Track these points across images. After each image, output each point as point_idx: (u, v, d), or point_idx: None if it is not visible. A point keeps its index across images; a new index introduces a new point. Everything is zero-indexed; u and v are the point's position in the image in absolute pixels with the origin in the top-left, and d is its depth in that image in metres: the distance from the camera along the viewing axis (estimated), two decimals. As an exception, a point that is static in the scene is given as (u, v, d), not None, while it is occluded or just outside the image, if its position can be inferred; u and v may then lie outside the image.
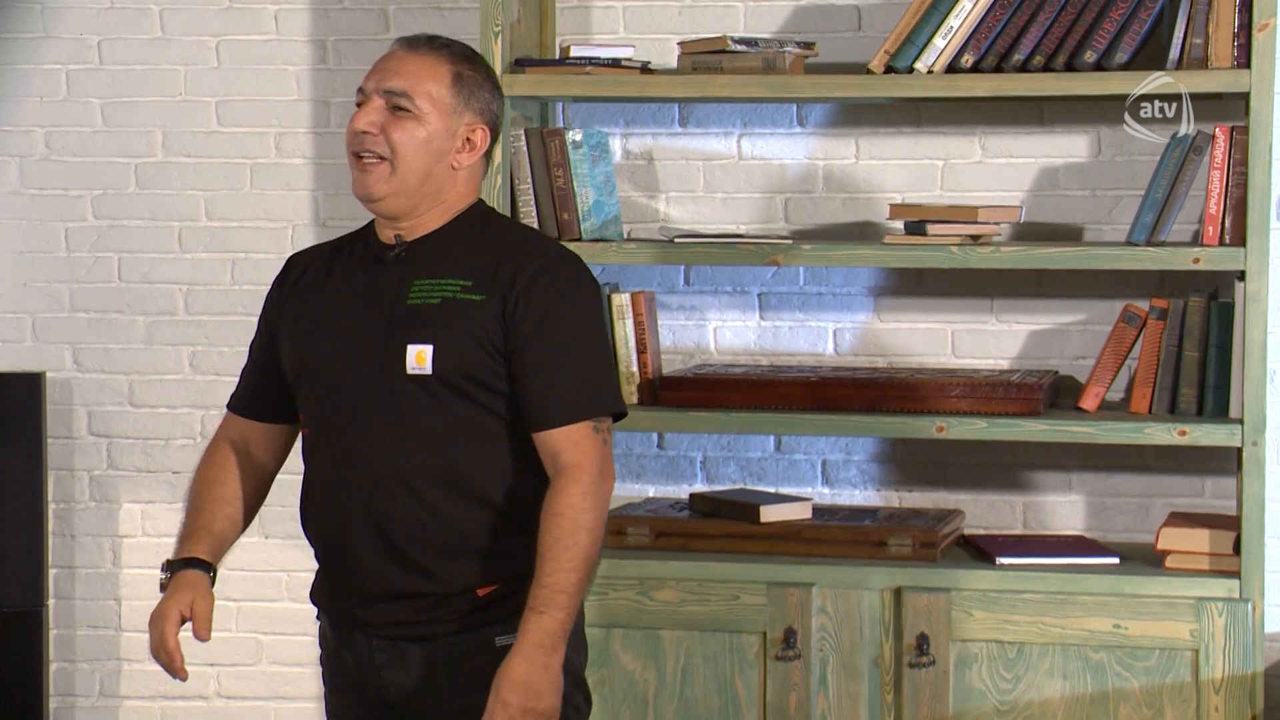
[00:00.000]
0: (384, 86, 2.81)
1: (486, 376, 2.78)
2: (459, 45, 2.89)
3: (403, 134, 2.79)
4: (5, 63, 4.24)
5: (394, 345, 2.79)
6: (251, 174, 4.25)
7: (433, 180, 2.83)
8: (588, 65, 3.78)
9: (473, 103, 2.85)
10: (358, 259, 2.90)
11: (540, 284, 2.79)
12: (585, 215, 3.80)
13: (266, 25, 4.21)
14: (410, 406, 2.78)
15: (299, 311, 2.91)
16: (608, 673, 3.68)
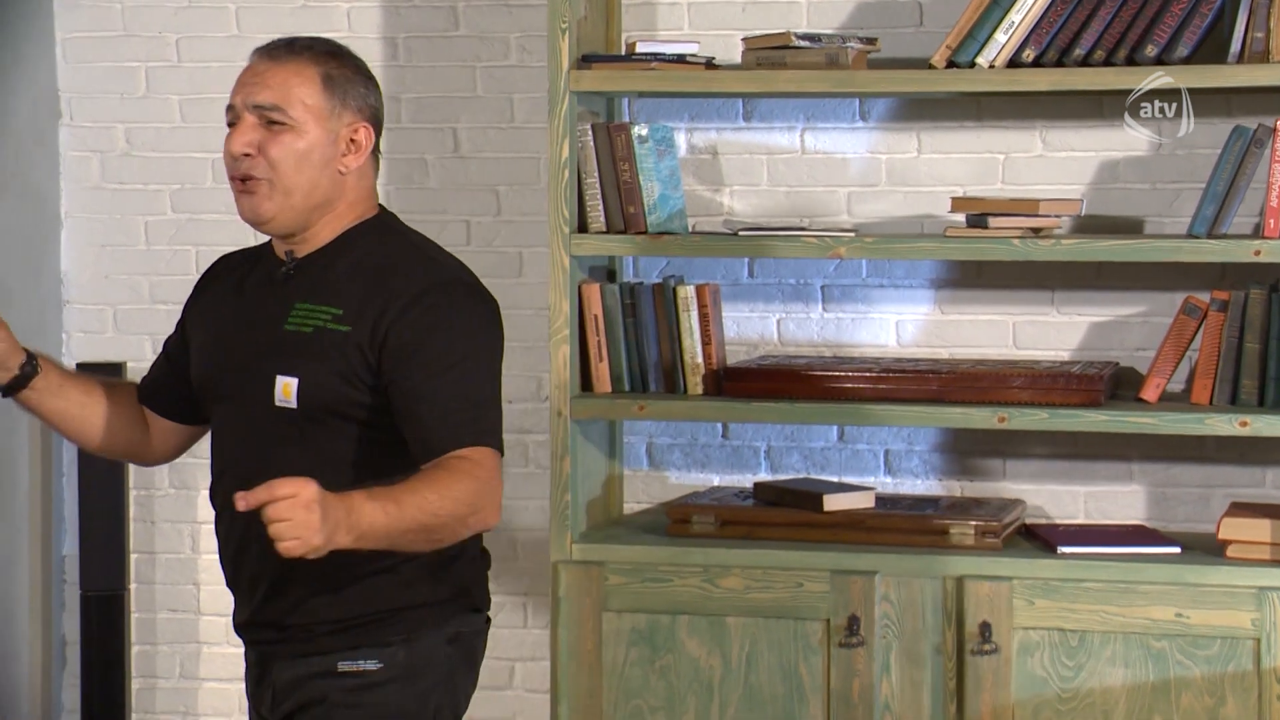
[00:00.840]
0: (252, 101, 2.59)
1: (354, 411, 2.57)
2: (322, 43, 2.66)
3: (280, 149, 2.57)
4: (87, 61, 4.21)
5: (265, 374, 2.60)
6: (326, 169, 4.18)
7: (320, 190, 2.61)
8: (653, 61, 3.69)
9: (349, 101, 2.63)
10: (260, 271, 2.71)
11: (414, 311, 2.56)
12: (651, 209, 3.71)
13: (339, 22, 4.15)
14: (278, 438, 2.59)
15: (205, 323, 2.75)
16: (673, 659, 3.59)
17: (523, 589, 4.13)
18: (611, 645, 3.60)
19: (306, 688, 2.63)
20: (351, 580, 2.60)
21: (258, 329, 2.64)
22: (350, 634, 2.62)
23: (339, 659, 2.62)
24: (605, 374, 3.73)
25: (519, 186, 4.10)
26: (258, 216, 2.61)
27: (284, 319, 2.62)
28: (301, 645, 2.63)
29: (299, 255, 2.66)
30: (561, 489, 3.66)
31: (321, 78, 2.61)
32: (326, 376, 2.57)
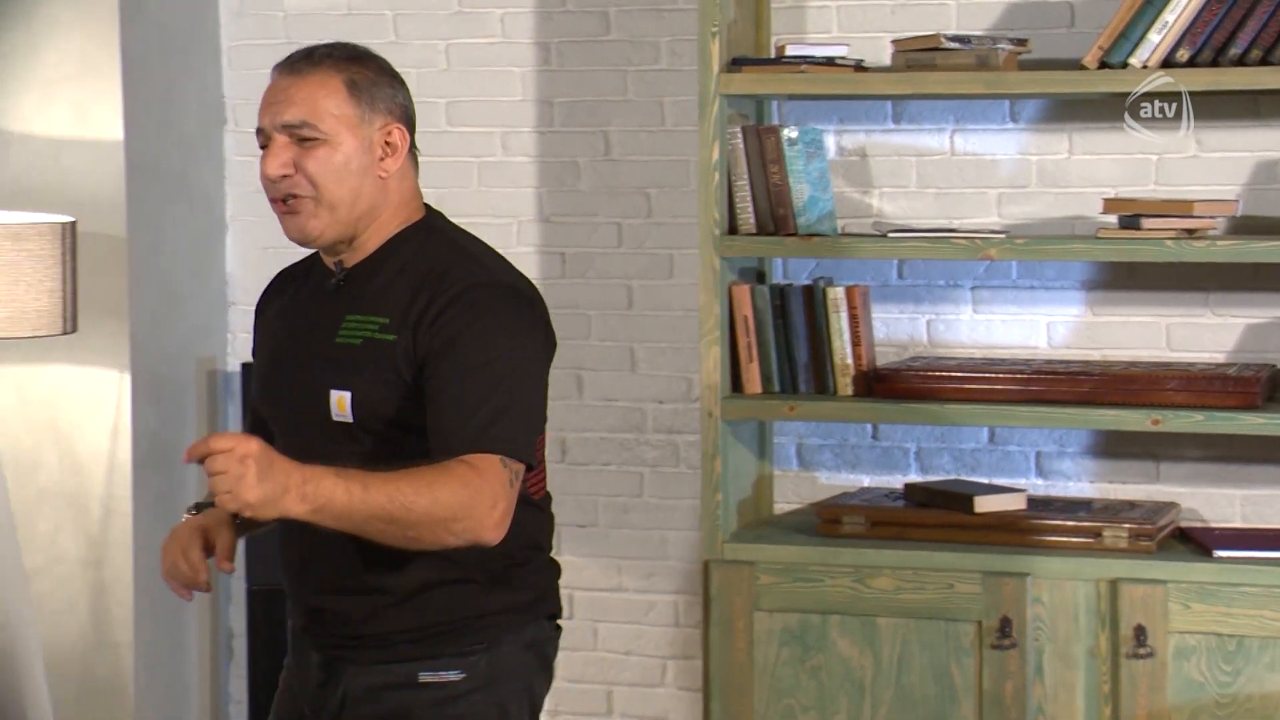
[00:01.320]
0: (280, 121, 2.47)
1: (409, 420, 2.46)
2: (342, 48, 2.54)
3: (317, 164, 2.46)
4: (251, 67, 4.22)
5: (320, 390, 2.51)
6: (479, 172, 4.17)
7: (364, 199, 2.50)
8: (803, 64, 3.62)
9: (378, 104, 2.51)
10: (312, 283, 2.61)
11: (451, 311, 2.45)
12: (800, 211, 3.64)
13: (493, 28, 4.13)
14: (336, 452, 2.45)
15: (265, 342, 2.67)
16: (824, 658, 3.52)
17: (674, 588, 4.08)
18: (763, 644, 3.54)
19: (385, 699, 2.55)
20: (429, 588, 2.51)
21: (311, 344, 2.55)
22: (430, 643, 2.53)
23: (419, 669, 2.53)
24: (755, 375, 3.68)
25: (669, 189, 4.06)
26: (305, 235, 2.50)
27: (335, 331, 2.53)
28: (378, 653, 2.54)
29: (348, 265, 2.56)
30: (712, 489, 3.61)
31: (346, 85, 2.50)
32: (378, 388, 2.47)
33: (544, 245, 4.14)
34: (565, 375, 4.14)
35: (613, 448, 4.12)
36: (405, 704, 2.53)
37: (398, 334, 2.47)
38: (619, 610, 4.12)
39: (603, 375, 4.12)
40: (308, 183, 2.47)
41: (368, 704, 2.55)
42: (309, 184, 2.47)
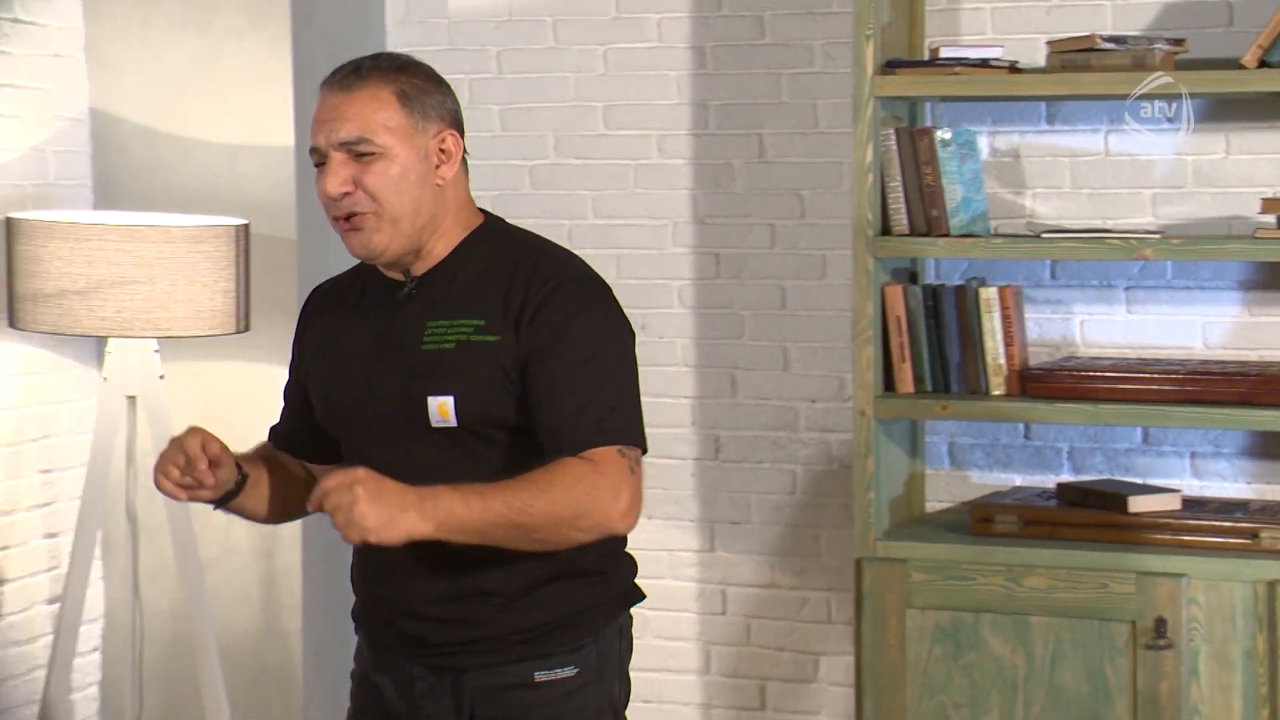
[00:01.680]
0: (336, 140, 2.41)
1: (514, 419, 2.43)
2: (388, 59, 2.49)
3: (376, 179, 2.41)
4: (413, 74, 4.26)
5: (414, 397, 2.44)
6: (635, 174, 4.18)
7: (425, 209, 2.45)
8: (957, 66, 3.59)
9: (429, 112, 2.45)
10: (371, 295, 2.54)
11: (549, 307, 2.42)
12: (953, 211, 3.61)
13: (650, 33, 4.13)
14: (440, 459, 2.43)
15: (320, 354, 2.58)
16: (977, 656, 3.48)
17: (826, 584, 4.07)
18: (915, 641, 3.51)
19: (501, 700, 2.52)
20: (538, 586, 2.48)
21: (392, 353, 2.49)
22: (543, 641, 2.51)
23: (534, 668, 2.50)
24: (908, 374, 3.65)
25: (822, 190, 4.04)
26: (371, 251, 2.45)
27: (419, 339, 2.47)
28: (492, 656, 2.50)
29: (417, 274, 2.50)
30: (865, 487, 3.59)
31: (397, 96, 2.44)
32: (483, 389, 2.43)
33: (698, 246, 4.13)
34: (719, 374, 4.13)
35: (766, 446, 4.11)
36: (524, 704, 2.51)
37: (500, 334, 2.44)
38: (772, 606, 4.11)
39: (756, 374, 4.11)
40: (368, 198, 2.42)
41: (484, 707, 2.52)
42: (370, 199, 2.42)
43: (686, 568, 4.16)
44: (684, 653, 4.17)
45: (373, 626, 2.59)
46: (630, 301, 4.10)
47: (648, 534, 4.16)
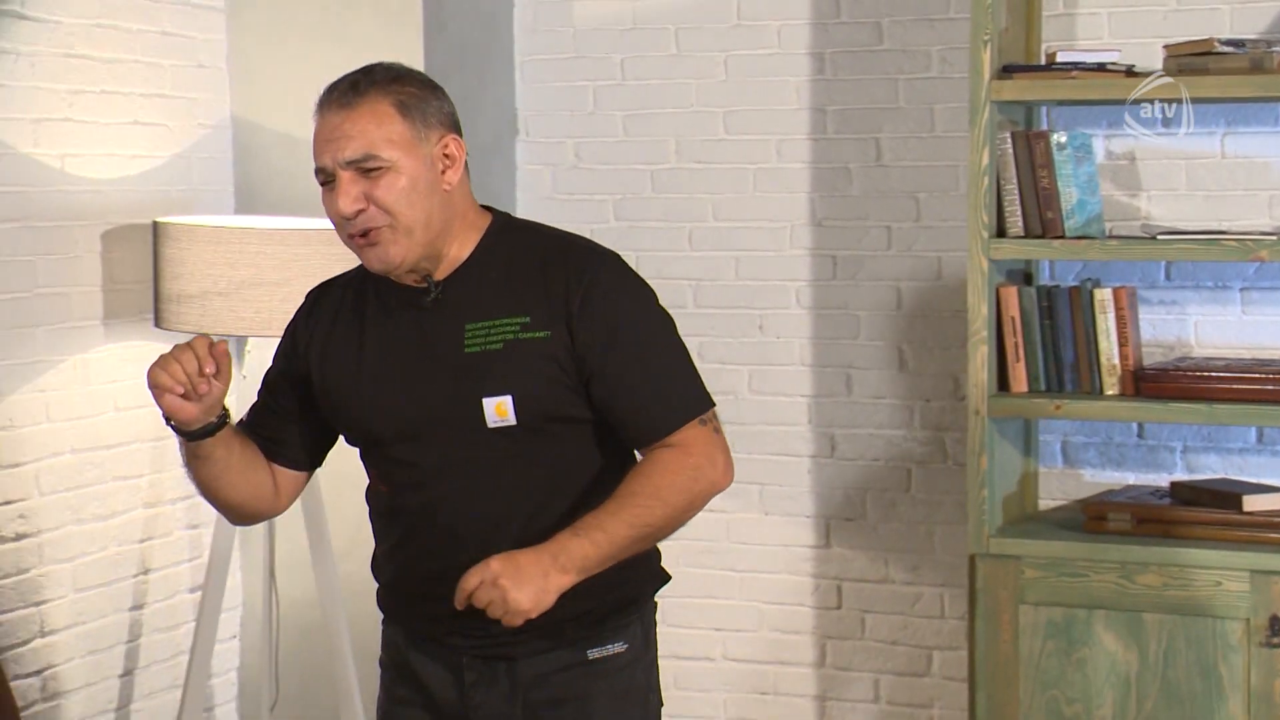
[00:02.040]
0: (342, 159, 2.36)
1: (570, 411, 2.42)
2: (382, 70, 2.42)
3: (387, 192, 2.36)
4: (542, 81, 4.30)
5: (467, 400, 2.40)
6: (754, 178, 4.17)
7: (437, 217, 2.40)
8: (1073, 70, 3.55)
9: (429, 119, 2.40)
10: (393, 304, 2.47)
11: (594, 299, 2.40)
12: (1068, 214, 3.58)
13: (770, 40, 4.13)
14: (499, 458, 2.41)
15: (344, 370, 2.50)
16: (1090, 652, 3.45)
17: (940, 580, 4.04)
18: (1028, 637, 3.49)
19: (556, 681, 2.51)
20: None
21: (431, 359, 2.44)
22: (595, 622, 2.51)
23: (587, 647, 2.51)
24: (1022, 374, 3.62)
25: (938, 193, 4.02)
26: (389, 264, 2.40)
27: (459, 343, 2.43)
28: (545, 642, 2.49)
29: (439, 278, 2.45)
30: (978, 485, 3.56)
31: (397, 108, 2.39)
32: (540, 385, 2.41)
33: (815, 248, 4.13)
34: (835, 373, 4.12)
35: (880, 444, 4.10)
36: (578, 683, 2.51)
37: (549, 329, 2.41)
38: (886, 601, 4.10)
39: (871, 374, 4.10)
40: (381, 212, 2.37)
41: (538, 690, 2.51)
42: (383, 213, 2.37)
43: (802, 563, 4.16)
44: (799, 646, 4.17)
45: (415, 619, 2.54)
46: (748, 302, 4.16)
47: (764, 529, 4.18)
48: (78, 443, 3.74)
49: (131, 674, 3.90)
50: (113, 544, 3.84)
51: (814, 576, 4.16)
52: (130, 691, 3.90)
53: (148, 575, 3.94)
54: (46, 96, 3.63)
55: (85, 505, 3.76)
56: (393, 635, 2.60)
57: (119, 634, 3.87)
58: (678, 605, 4.19)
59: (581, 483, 2.45)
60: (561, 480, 2.44)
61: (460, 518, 2.42)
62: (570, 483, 2.44)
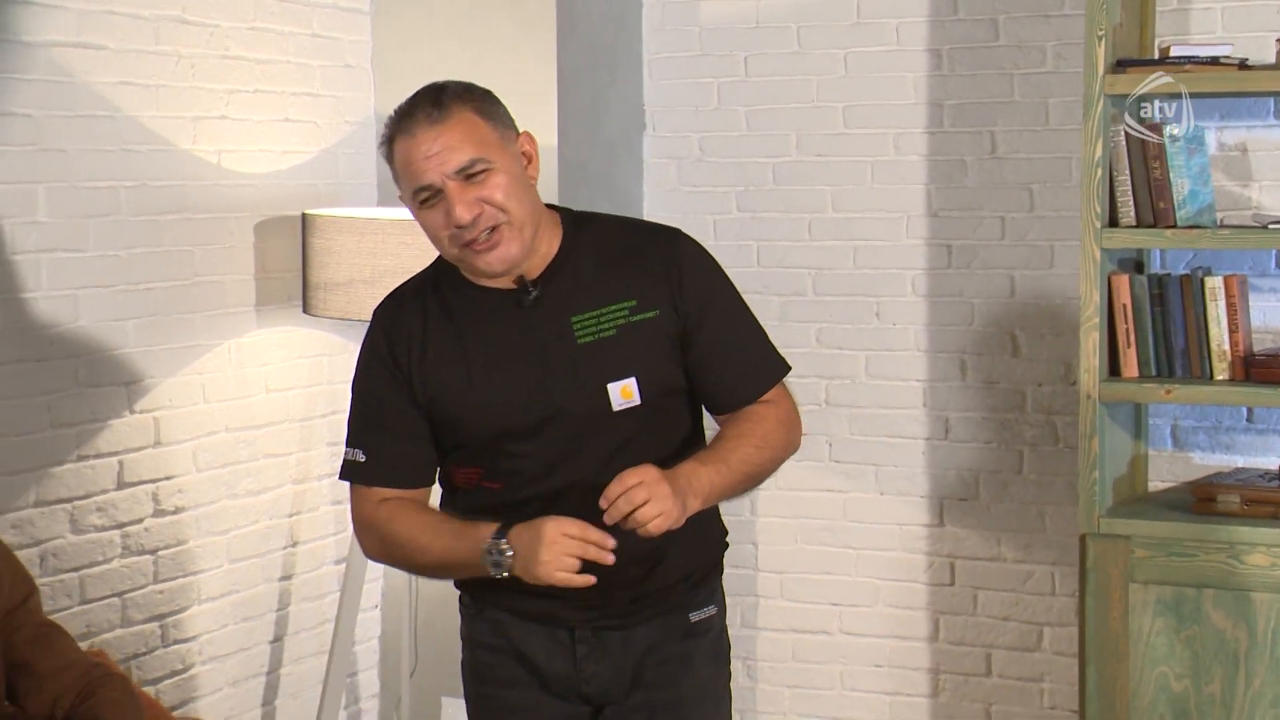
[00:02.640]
0: (451, 170, 2.35)
1: (679, 383, 2.48)
2: (448, 87, 2.42)
3: (499, 191, 2.36)
4: (669, 78, 4.30)
5: (592, 388, 2.41)
6: (872, 170, 4.16)
7: (536, 210, 2.43)
8: (1186, 64, 3.51)
9: (504, 120, 2.42)
10: (486, 312, 2.45)
11: (686, 275, 2.45)
12: (1180, 204, 3.53)
13: (889, 37, 4.11)
14: (622, 438, 2.43)
15: (438, 369, 2.46)
16: (1199, 629, 3.42)
17: (1050, 559, 4.02)
18: (1138, 614, 3.46)
19: (665, 650, 2.53)
20: (690, 532, 2.44)
21: (544, 356, 2.43)
22: (694, 585, 2.55)
23: (689, 611, 2.54)
24: (1133, 359, 3.59)
25: (1051, 184, 3.99)
26: (509, 260, 2.39)
27: (570, 335, 2.43)
28: (655, 608, 2.51)
29: (531, 275, 2.45)
30: (1090, 467, 3.54)
31: (480, 114, 2.40)
32: (659, 362, 2.45)
33: (931, 238, 4.11)
34: (949, 359, 4.11)
35: (993, 427, 4.08)
36: (686, 648, 2.54)
37: (657, 309, 2.44)
38: (998, 579, 4.08)
39: (984, 359, 4.08)
40: (496, 210, 2.37)
41: (648, 656, 2.52)
42: (499, 211, 2.37)
43: (917, 540, 4.15)
44: (914, 620, 4.16)
45: (524, 600, 2.49)
46: (865, 290, 4.16)
47: (880, 508, 4.17)
48: (231, 422, 3.78)
49: (281, 640, 3.95)
50: (263, 518, 3.88)
51: (928, 554, 4.15)
52: (280, 656, 3.95)
53: (296, 548, 3.97)
54: (204, 96, 3.67)
55: (238, 481, 3.81)
56: (492, 616, 2.56)
57: (269, 602, 3.91)
58: (796, 581, 4.20)
59: (671, 448, 2.47)
60: (666, 451, 2.47)
61: (582, 500, 2.40)
62: (673, 451, 2.47)
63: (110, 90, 3.45)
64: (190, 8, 3.62)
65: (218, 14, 3.69)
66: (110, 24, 3.44)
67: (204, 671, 3.74)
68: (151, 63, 3.54)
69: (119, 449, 3.51)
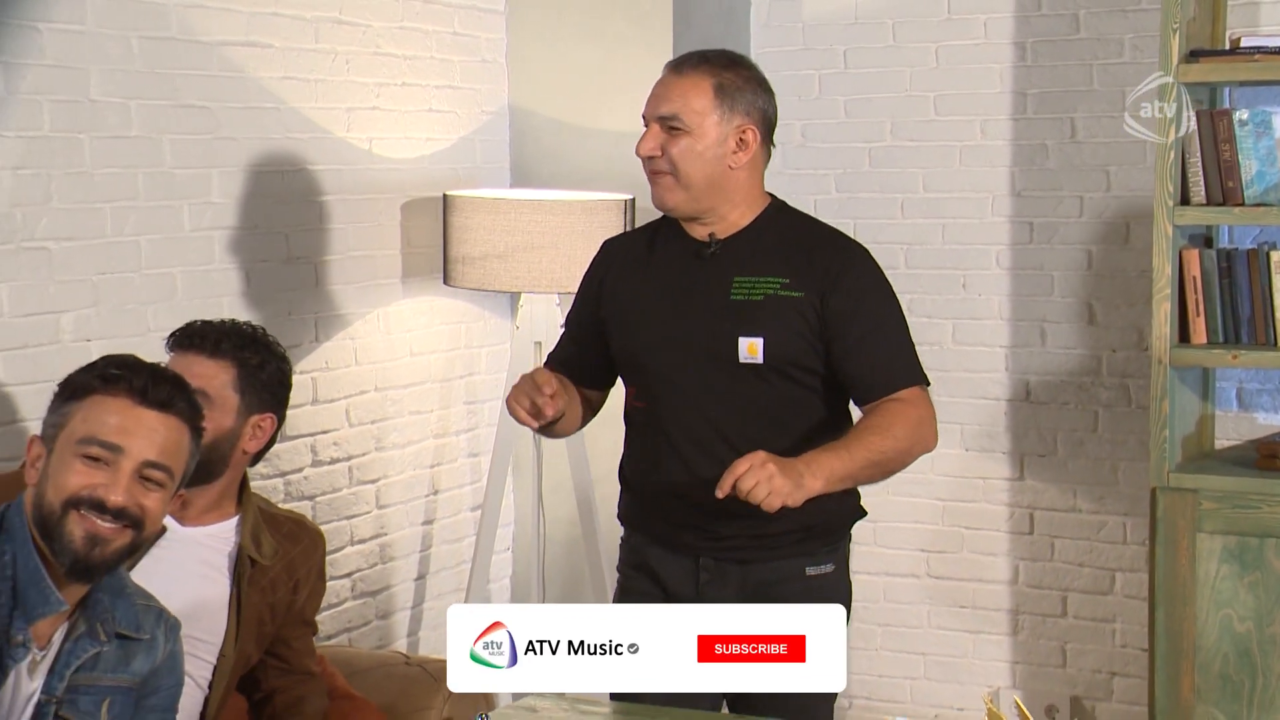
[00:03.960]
0: (656, 113, 2.55)
1: (807, 361, 2.54)
2: (721, 56, 2.57)
3: (678, 150, 2.52)
4: (773, 70, 4.15)
5: (725, 336, 2.53)
6: (960, 154, 4.16)
7: (714, 183, 2.54)
8: (1255, 54, 3.47)
9: (738, 106, 2.53)
10: (675, 253, 2.61)
11: (849, 278, 2.53)
12: (1248, 184, 3.51)
13: (977, 31, 4.10)
14: (741, 388, 2.54)
15: (626, 299, 2.64)
16: (1261, 576, 3.40)
17: (1123, 510, 4.01)
18: (1204, 561, 3.45)
19: (776, 591, 2.57)
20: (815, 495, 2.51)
21: (701, 301, 2.57)
22: (811, 541, 2.59)
23: (804, 564, 2.59)
24: (1201, 327, 3.57)
25: (1127, 166, 3.97)
26: (664, 204, 2.58)
27: (727, 291, 2.55)
28: (770, 553, 2.57)
29: (720, 237, 2.59)
30: (1160, 426, 3.53)
31: (714, 88, 2.53)
32: (787, 334, 2.53)
33: (1014, 216, 4.11)
34: (1030, 326, 4.11)
35: (1071, 389, 4.07)
36: (795, 595, 2.57)
37: (804, 292, 2.53)
38: (1073, 528, 4.08)
39: (1063, 327, 4.07)
40: (669, 163, 2.53)
41: (761, 596, 2.57)
42: (670, 164, 2.53)
43: (999, 493, 4.15)
44: (995, 566, 4.16)
45: (658, 523, 2.63)
46: (952, 263, 4.17)
47: (965, 462, 4.18)
48: (379, 382, 3.81)
49: (424, 578, 3.98)
50: (408, 468, 3.91)
51: (1009, 505, 4.15)
52: (423, 593, 3.98)
53: (436, 496, 4.01)
54: (357, 89, 3.71)
55: (386, 435, 3.84)
56: (635, 541, 2.69)
57: (413, 544, 3.95)
58: (888, 530, 4.23)
59: (802, 424, 2.54)
60: (788, 416, 2.53)
61: (704, 435, 2.52)
62: (794, 420, 2.54)
63: (275, 84, 3.51)
64: (346, 9, 3.67)
65: (370, 15, 3.73)
66: (275, 25, 3.49)
67: (356, 606, 3.79)
68: (311, 59, 3.59)
69: (282, 406, 3.59)
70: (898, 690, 4.27)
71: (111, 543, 2.03)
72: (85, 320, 3.10)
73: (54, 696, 2.05)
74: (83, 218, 3.10)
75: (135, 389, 2.05)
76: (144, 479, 2.05)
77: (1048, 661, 4.12)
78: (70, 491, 2.02)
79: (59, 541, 2.01)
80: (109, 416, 2.04)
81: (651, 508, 2.65)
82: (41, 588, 2.02)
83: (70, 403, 2.07)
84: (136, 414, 2.05)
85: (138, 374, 2.07)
